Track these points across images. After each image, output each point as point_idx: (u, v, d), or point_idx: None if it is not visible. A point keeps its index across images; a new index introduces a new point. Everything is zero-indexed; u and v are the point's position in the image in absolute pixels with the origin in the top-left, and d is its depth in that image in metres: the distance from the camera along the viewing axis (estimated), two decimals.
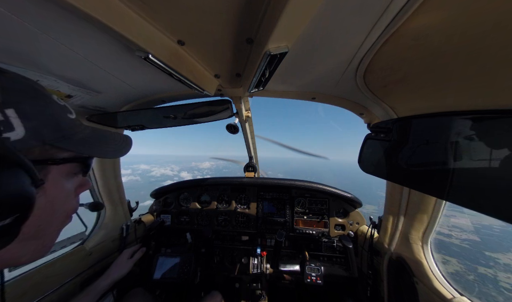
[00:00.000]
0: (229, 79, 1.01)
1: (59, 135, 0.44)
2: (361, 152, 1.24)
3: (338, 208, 1.94)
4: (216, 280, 1.93)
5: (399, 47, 0.65)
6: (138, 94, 1.21)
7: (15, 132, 0.36)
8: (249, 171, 2.30)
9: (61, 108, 0.48)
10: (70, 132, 0.47)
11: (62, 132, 0.46)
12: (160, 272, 1.59)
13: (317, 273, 1.56)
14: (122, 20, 0.57)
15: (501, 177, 0.55)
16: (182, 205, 2.19)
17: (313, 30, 0.62)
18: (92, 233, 1.62)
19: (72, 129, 0.49)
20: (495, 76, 0.55)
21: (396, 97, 0.96)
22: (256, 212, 2.06)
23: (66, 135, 0.46)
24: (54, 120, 0.44)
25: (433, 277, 1.12)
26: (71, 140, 0.47)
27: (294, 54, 0.75)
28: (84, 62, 0.79)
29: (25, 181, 0.35)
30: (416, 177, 0.89)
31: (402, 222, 1.31)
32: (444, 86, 0.70)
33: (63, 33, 0.63)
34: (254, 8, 0.55)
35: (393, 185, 1.32)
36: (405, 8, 0.51)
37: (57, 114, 0.46)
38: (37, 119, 0.41)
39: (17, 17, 0.55)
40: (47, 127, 0.42)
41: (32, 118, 0.39)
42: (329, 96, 1.21)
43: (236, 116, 1.39)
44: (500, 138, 0.58)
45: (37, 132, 0.40)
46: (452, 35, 0.53)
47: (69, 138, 0.47)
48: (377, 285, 1.52)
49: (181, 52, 0.76)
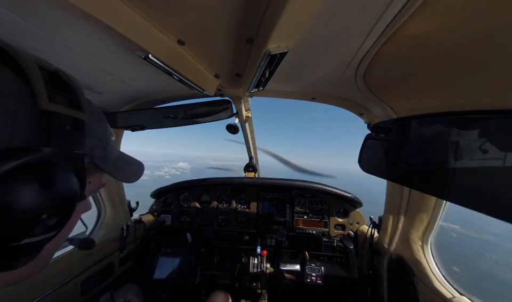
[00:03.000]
0: (229, 79, 1.01)
1: (103, 156, 0.47)
2: (361, 152, 1.24)
3: (338, 208, 1.94)
4: (216, 280, 1.93)
5: (399, 47, 0.65)
6: (138, 94, 1.21)
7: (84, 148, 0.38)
8: (249, 171, 2.31)
9: (110, 132, 0.52)
10: (109, 153, 0.50)
11: (106, 153, 0.48)
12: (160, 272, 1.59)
13: (317, 273, 1.56)
14: (122, 20, 0.57)
15: (501, 177, 0.56)
16: (182, 205, 2.19)
17: (314, 30, 0.62)
18: (92, 233, 1.62)
19: (111, 151, 0.52)
20: (495, 76, 0.55)
21: (396, 97, 0.96)
22: (257, 212, 2.06)
23: (107, 156, 0.49)
24: (105, 142, 0.48)
25: (433, 277, 1.12)
26: (108, 161, 0.50)
27: (294, 54, 0.75)
28: (84, 62, 0.79)
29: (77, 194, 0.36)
30: (416, 177, 0.89)
31: (402, 222, 1.31)
32: (444, 86, 0.70)
33: (63, 33, 0.64)
34: (254, 8, 0.55)
35: (393, 185, 1.32)
36: (405, 8, 0.51)
37: (108, 137, 0.50)
38: (96, 139, 0.45)
39: (19, 18, 0.55)
40: (99, 147, 0.46)
41: (94, 137, 0.43)
42: (329, 96, 1.21)
43: (236, 116, 1.39)
44: (500, 139, 0.58)
45: (92, 151, 0.43)
46: (451, 35, 0.53)
47: (107, 159, 0.49)
48: (377, 285, 1.52)
49: (181, 51, 0.76)
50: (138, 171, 0.61)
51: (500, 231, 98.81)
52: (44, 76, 0.31)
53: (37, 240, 0.32)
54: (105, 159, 0.48)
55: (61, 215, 0.34)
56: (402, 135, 0.96)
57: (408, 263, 1.24)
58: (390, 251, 1.38)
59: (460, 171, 0.68)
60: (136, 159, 0.64)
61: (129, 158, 0.61)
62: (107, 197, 1.65)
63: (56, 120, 0.32)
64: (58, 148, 0.32)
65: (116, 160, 0.54)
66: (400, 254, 1.31)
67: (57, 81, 0.35)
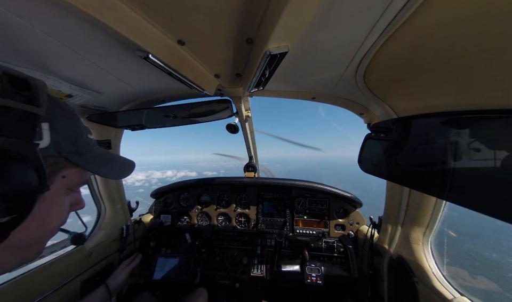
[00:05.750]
0: (229, 79, 1.01)
1: (74, 150, 0.50)
2: (361, 152, 1.24)
3: (338, 208, 1.93)
4: (216, 280, 1.93)
5: (399, 47, 0.65)
6: (138, 93, 1.21)
7: (43, 141, 0.42)
8: (249, 171, 2.30)
9: (83, 128, 0.54)
10: (84, 149, 0.53)
11: (78, 148, 0.51)
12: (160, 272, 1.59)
13: (317, 274, 1.56)
14: (122, 20, 0.57)
15: (501, 177, 0.55)
16: (182, 205, 2.19)
17: (314, 30, 0.62)
18: (92, 233, 1.62)
19: (87, 148, 0.54)
20: (495, 76, 0.55)
21: (396, 97, 0.96)
22: (256, 212, 2.06)
23: (80, 151, 0.52)
24: (74, 137, 0.51)
25: (433, 277, 1.11)
26: (83, 156, 0.52)
27: (294, 53, 0.75)
28: (84, 62, 0.79)
29: (34, 184, 0.39)
30: (416, 177, 0.88)
31: (402, 222, 1.30)
32: (444, 86, 0.70)
33: (64, 33, 0.64)
34: (254, 8, 0.55)
35: (393, 185, 1.32)
36: (405, 8, 0.51)
37: (79, 133, 0.52)
38: (62, 135, 0.47)
39: (20, 19, 0.55)
40: (67, 141, 0.48)
41: (59, 133, 0.46)
42: (329, 96, 1.21)
43: (236, 116, 1.39)
44: (500, 138, 0.58)
45: (58, 145, 0.46)
46: (451, 35, 0.53)
47: (81, 154, 0.52)
48: (378, 285, 1.51)
49: (181, 51, 0.76)
50: (125, 168, 0.63)
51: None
52: (1, 79, 0.37)
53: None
54: (78, 154, 0.51)
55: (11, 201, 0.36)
56: (402, 135, 0.96)
57: (408, 263, 1.24)
58: (390, 251, 1.38)
59: (459, 170, 0.68)
60: (124, 158, 0.66)
61: (114, 156, 0.63)
62: (107, 197, 1.65)
63: (6, 112, 0.36)
64: (6, 136, 0.36)
65: (96, 156, 0.56)
66: (401, 254, 1.31)
67: (18, 83, 0.39)
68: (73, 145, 0.50)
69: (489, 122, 0.61)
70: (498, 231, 52.04)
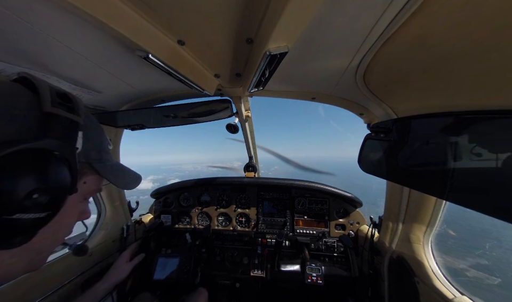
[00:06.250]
0: (229, 79, 1.01)
1: (97, 158, 0.55)
2: (361, 152, 1.24)
3: (338, 208, 1.93)
4: (216, 280, 1.93)
5: (399, 47, 0.65)
6: (138, 93, 1.21)
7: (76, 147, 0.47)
8: (249, 170, 2.30)
9: (106, 140, 0.61)
10: (105, 158, 0.58)
11: (101, 157, 0.57)
12: (160, 272, 1.59)
13: (318, 273, 1.56)
14: (122, 20, 0.57)
15: (501, 177, 0.55)
16: (182, 205, 2.19)
17: (314, 30, 0.61)
18: (92, 233, 1.62)
19: (107, 157, 0.60)
20: (495, 76, 0.54)
21: (396, 97, 0.96)
22: (257, 212, 2.06)
23: (102, 160, 0.57)
24: (99, 146, 0.56)
25: (434, 276, 1.11)
26: (104, 165, 0.57)
27: (294, 54, 0.75)
28: (84, 61, 0.79)
29: (68, 184, 0.43)
30: (416, 177, 0.88)
31: (402, 221, 1.30)
32: (444, 86, 0.70)
33: (64, 33, 0.64)
34: (254, 8, 0.55)
35: (393, 185, 1.32)
36: (405, 8, 0.51)
37: (104, 144, 0.58)
38: (92, 143, 0.53)
39: (20, 18, 0.55)
40: (94, 150, 0.54)
41: (89, 141, 0.52)
42: (329, 96, 1.21)
43: (236, 116, 1.39)
44: (500, 139, 0.58)
45: (87, 152, 0.51)
46: (451, 35, 0.53)
47: (103, 163, 0.57)
48: (378, 284, 1.51)
49: (181, 51, 0.76)
50: (134, 181, 0.68)
51: None
52: (51, 93, 0.43)
53: (29, 218, 0.37)
54: (101, 163, 0.56)
55: (50, 197, 0.39)
56: (402, 135, 0.96)
57: (408, 263, 1.24)
58: (391, 250, 1.38)
59: (459, 170, 0.68)
60: (134, 171, 0.72)
61: (126, 169, 0.69)
62: (107, 197, 1.65)
63: (55, 118, 0.42)
64: (54, 138, 0.40)
65: (113, 166, 0.61)
66: (401, 254, 1.31)
67: (62, 95, 0.46)
68: (98, 154, 0.55)
69: (489, 122, 0.61)
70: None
